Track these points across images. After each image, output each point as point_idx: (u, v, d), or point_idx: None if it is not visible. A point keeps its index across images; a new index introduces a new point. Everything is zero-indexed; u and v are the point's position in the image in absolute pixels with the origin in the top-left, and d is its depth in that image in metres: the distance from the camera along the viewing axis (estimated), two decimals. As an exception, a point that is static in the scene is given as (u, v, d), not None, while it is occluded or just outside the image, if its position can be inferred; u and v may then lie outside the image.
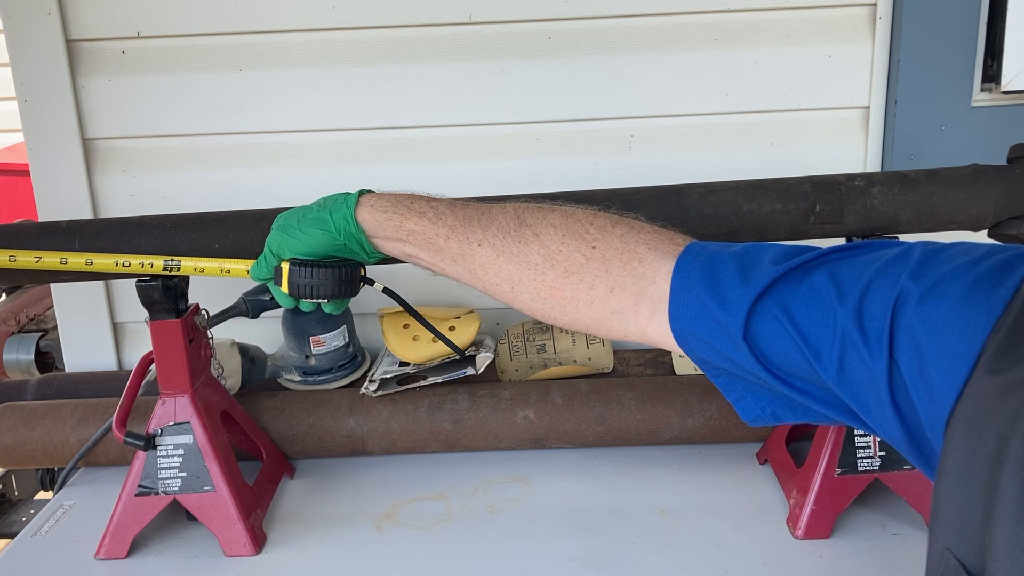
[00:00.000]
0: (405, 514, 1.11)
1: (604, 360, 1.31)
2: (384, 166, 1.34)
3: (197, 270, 0.96)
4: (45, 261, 0.96)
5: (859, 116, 1.32)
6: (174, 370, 1.02)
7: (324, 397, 1.22)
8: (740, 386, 0.69)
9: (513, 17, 1.28)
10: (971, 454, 0.46)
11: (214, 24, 1.29)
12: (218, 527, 1.03)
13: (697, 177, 1.01)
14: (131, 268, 0.96)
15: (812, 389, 0.63)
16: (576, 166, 1.34)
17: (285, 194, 1.21)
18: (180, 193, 1.35)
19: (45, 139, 1.32)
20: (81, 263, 0.96)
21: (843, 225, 0.96)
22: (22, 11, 1.27)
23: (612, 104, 1.31)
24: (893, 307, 0.54)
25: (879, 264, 0.58)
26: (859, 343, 0.56)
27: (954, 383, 0.49)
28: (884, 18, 1.27)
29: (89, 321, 1.39)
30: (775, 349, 0.63)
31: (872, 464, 1.01)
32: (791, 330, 0.61)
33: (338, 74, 1.31)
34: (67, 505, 1.16)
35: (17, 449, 1.20)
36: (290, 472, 1.21)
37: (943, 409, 0.50)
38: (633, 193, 0.98)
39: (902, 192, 0.95)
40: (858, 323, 0.56)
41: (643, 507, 1.09)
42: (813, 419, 0.66)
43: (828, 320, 0.59)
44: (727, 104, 1.31)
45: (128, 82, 1.31)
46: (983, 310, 0.50)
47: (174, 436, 1.03)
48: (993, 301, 0.50)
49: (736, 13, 1.28)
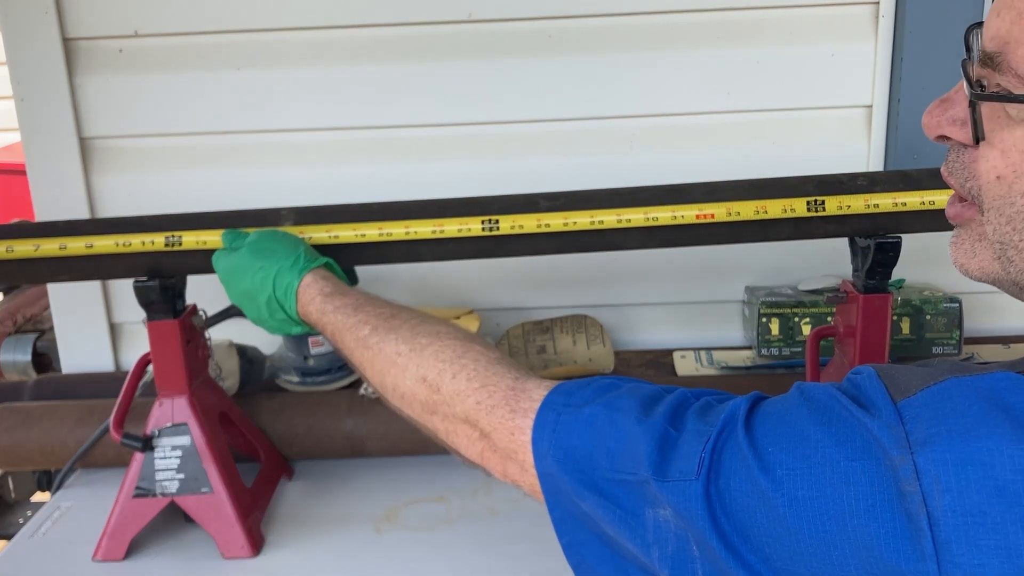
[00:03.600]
0: (405, 516, 1.10)
1: (605, 361, 1.30)
2: (384, 165, 1.34)
3: (199, 243, 0.96)
4: (44, 248, 0.96)
5: (862, 115, 1.31)
6: (172, 371, 1.02)
7: (323, 398, 1.21)
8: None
9: (513, 15, 1.28)
10: None
11: (212, 23, 1.28)
12: (216, 529, 1.02)
13: (699, 176, 1.00)
14: (132, 247, 0.96)
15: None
16: (576, 166, 1.33)
17: (285, 194, 1.20)
18: (178, 193, 1.34)
19: (42, 138, 1.31)
20: (81, 247, 0.96)
21: (846, 225, 0.96)
22: (19, 9, 1.26)
23: (613, 103, 1.31)
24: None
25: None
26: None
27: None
28: (887, 16, 1.26)
29: (86, 322, 1.38)
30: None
31: (875, 466, 1.00)
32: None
33: (338, 73, 1.30)
34: (64, 507, 1.15)
35: (14, 450, 1.20)
36: (288, 474, 1.20)
37: None
38: (634, 193, 0.97)
39: (905, 191, 0.94)
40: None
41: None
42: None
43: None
44: (729, 103, 1.31)
45: (126, 81, 1.30)
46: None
47: (172, 437, 1.02)
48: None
49: (738, 11, 1.27)
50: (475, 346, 0.73)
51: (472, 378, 0.69)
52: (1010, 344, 1.33)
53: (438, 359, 0.72)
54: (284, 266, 0.88)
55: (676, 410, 0.59)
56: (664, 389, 0.63)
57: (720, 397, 0.60)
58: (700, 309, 1.41)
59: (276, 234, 0.93)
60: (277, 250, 0.90)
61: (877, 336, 0.99)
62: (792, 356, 1.30)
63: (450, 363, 0.71)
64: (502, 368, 0.69)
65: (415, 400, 0.73)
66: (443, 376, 0.70)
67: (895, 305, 1.27)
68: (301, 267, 0.88)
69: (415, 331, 0.76)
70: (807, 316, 1.30)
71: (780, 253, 1.34)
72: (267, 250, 0.90)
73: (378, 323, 0.79)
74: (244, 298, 0.91)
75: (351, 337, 0.80)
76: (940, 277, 1.36)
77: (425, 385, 0.72)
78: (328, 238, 0.96)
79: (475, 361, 0.70)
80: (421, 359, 0.73)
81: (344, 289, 0.87)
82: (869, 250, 0.96)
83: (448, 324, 0.78)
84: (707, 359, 1.33)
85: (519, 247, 0.97)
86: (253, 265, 0.89)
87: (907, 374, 0.52)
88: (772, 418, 0.54)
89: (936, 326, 1.28)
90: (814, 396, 0.53)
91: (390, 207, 0.98)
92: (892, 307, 1.00)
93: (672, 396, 0.61)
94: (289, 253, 0.89)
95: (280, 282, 0.88)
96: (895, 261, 0.96)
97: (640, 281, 1.39)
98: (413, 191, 1.05)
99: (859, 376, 0.53)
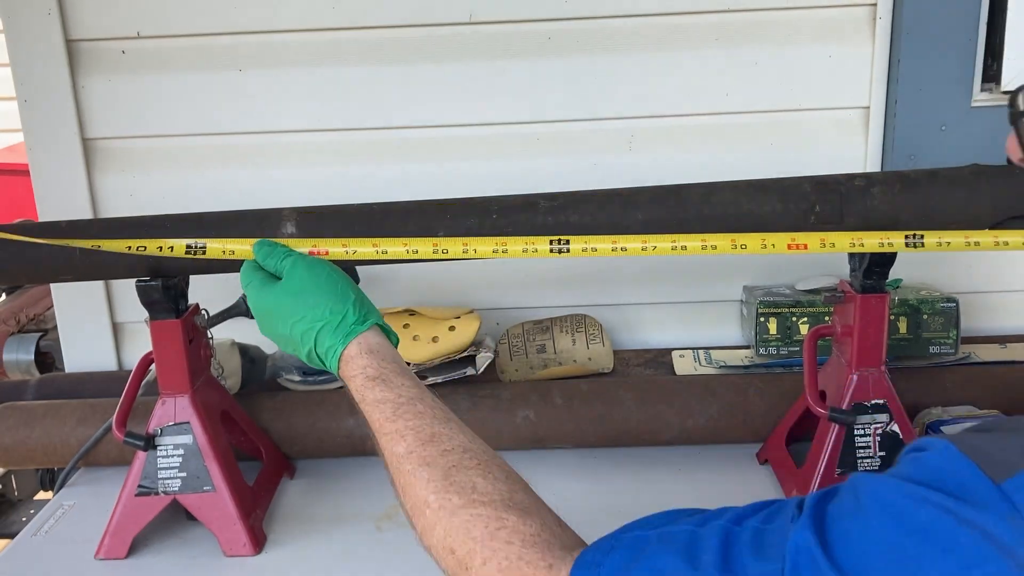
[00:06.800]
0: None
1: (604, 360, 1.31)
2: (384, 166, 1.34)
3: (226, 252, 0.90)
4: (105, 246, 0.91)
5: (859, 116, 1.32)
6: (174, 370, 1.02)
7: (324, 397, 1.22)
8: None
9: (513, 17, 1.28)
10: None
11: (214, 24, 1.29)
12: (218, 527, 1.03)
13: (697, 177, 1.01)
14: (147, 251, 0.91)
15: None
16: (576, 166, 1.34)
17: (286, 194, 1.21)
18: (180, 193, 1.35)
19: (45, 139, 1.32)
20: (122, 247, 0.91)
21: (843, 225, 0.96)
22: (22, 11, 1.27)
23: (612, 104, 1.32)
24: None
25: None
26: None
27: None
28: (884, 18, 1.27)
29: (89, 321, 1.39)
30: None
31: (872, 464, 1.01)
32: None
33: (338, 74, 1.31)
34: (67, 505, 1.16)
35: (17, 449, 1.20)
36: (290, 472, 1.21)
37: None
38: (633, 193, 0.97)
39: (902, 192, 0.95)
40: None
41: (643, 507, 1.08)
42: None
43: None
44: (727, 104, 1.31)
45: (128, 82, 1.31)
46: None
47: (174, 436, 1.03)
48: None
49: (736, 13, 1.28)
50: (511, 517, 0.64)
51: (503, 568, 0.62)
52: (1007, 344, 1.34)
53: (468, 535, 0.64)
54: (329, 324, 0.78)
55: (725, 553, 0.52)
56: (697, 523, 0.56)
57: (762, 515, 0.53)
58: (699, 308, 1.42)
59: (321, 271, 0.83)
60: (321, 300, 0.79)
61: (874, 336, 0.99)
62: (790, 355, 1.30)
63: (481, 544, 0.63)
64: (536, 553, 0.62)
65: (442, 561, 0.67)
66: (472, 557, 0.63)
67: (892, 305, 1.27)
68: (348, 331, 0.78)
69: (448, 477, 0.67)
70: (805, 316, 1.30)
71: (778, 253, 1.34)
72: (310, 295, 0.80)
73: (414, 443, 0.70)
74: (279, 339, 0.83)
75: (385, 445, 0.73)
76: (937, 277, 1.37)
77: (454, 558, 0.65)
78: (345, 254, 0.89)
79: (507, 545, 0.62)
80: (450, 526, 0.65)
81: (388, 372, 0.76)
82: (866, 250, 0.96)
83: (486, 465, 0.69)
84: (705, 358, 1.33)
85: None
86: (293, 312, 0.80)
87: (998, 445, 0.44)
88: (855, 543, 0.46)
89: (933, 325, 1.28)
90: (890, 500, 0.45)
91: (390, 207, 0.99)
92: (889, 307, 1.01)
93: (713, 535, 0.54)
94: (336, 306, 0.79)
95: (323, 340, 0.78)
96: (892, 261, 0.97)
97: (639, 281, 1.40)
98: (413, 191, 1.06)
99: (931, 454, 0.45)
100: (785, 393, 1.16)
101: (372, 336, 0.79)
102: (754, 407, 1.18)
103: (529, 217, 0.96)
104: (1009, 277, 1.38)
